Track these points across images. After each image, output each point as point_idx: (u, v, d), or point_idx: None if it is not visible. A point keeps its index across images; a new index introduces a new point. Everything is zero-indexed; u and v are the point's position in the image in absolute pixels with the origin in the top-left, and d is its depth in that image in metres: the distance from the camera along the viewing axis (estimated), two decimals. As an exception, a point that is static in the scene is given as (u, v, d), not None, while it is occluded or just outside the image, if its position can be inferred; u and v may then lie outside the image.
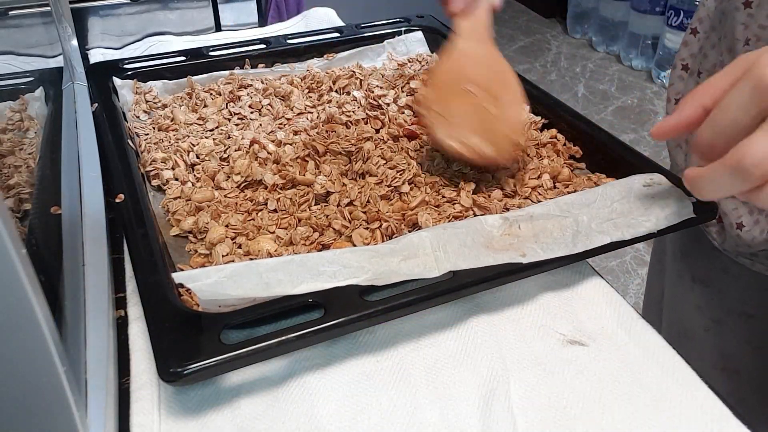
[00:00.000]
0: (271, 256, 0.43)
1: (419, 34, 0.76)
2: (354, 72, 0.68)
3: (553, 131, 0.57)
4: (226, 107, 0.62)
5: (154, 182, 0.52)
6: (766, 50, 0.33)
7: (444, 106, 0.48)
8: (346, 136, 0.54)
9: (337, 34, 0.74)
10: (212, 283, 0.35)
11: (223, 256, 0.43)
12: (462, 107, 0.48)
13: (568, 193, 0.49)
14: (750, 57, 0.34)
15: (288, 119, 0.60)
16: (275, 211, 0.48)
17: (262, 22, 0.97)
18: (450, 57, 0.51)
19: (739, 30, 0.50)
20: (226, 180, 0.51)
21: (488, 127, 0.48)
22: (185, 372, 0.33)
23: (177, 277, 0.35)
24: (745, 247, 0.53)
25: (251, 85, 0.66)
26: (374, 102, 0.61)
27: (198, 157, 0.54)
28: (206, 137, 0.57)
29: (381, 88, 0.64)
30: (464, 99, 0.48)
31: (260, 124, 0.59)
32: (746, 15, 0.49)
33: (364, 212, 0.46)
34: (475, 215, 0.46)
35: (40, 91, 0.59)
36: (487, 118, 0.48)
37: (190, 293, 0.40)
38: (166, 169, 0.52)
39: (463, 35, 0.51)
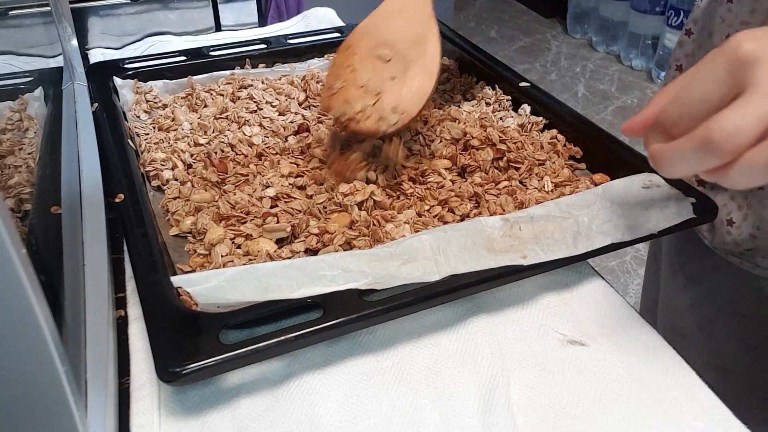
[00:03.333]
0: (270, 257, 0.43)
1: (419, 34, 0.76)
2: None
3: (554, 132, 0.57)
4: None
5: (154, 182, 0.52)
6: (742, 32, 0.32)
7: (348, 71, 0.47)
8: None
9: (338, 34, 0.74)
10: (211, 287, 0.35)
11: (222, 256, 0.43)
12: (365, 74, 0.47)
13: (569, 193, 0.49)
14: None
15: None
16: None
17: (262, 22, 0.97)
18: (373, 14, 0.50)
19: (720, 25, 0.49)
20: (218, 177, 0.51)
21: (381, 97, 0.47)
22: (184, 372, 0.33)
23: (176, 280, 0.35)
24: (733, 245, 0.53)
25: (252, 86, 0.65)
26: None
27: (192, 156, 0.54)
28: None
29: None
30: (370, 64, 0.47)
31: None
32: (727, 10, 0.48)
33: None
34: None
35: (39, 91, 0.59)
36: (383, 86, 0.46)
37: (189, 293, 0.40)
38: (166, 169, 0.52)
39: None
